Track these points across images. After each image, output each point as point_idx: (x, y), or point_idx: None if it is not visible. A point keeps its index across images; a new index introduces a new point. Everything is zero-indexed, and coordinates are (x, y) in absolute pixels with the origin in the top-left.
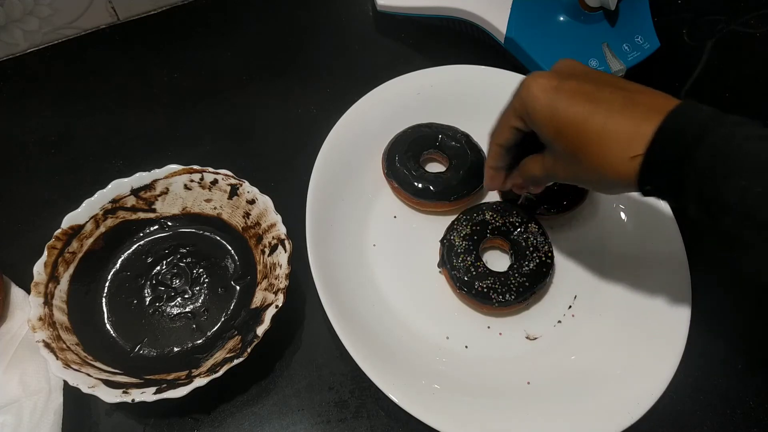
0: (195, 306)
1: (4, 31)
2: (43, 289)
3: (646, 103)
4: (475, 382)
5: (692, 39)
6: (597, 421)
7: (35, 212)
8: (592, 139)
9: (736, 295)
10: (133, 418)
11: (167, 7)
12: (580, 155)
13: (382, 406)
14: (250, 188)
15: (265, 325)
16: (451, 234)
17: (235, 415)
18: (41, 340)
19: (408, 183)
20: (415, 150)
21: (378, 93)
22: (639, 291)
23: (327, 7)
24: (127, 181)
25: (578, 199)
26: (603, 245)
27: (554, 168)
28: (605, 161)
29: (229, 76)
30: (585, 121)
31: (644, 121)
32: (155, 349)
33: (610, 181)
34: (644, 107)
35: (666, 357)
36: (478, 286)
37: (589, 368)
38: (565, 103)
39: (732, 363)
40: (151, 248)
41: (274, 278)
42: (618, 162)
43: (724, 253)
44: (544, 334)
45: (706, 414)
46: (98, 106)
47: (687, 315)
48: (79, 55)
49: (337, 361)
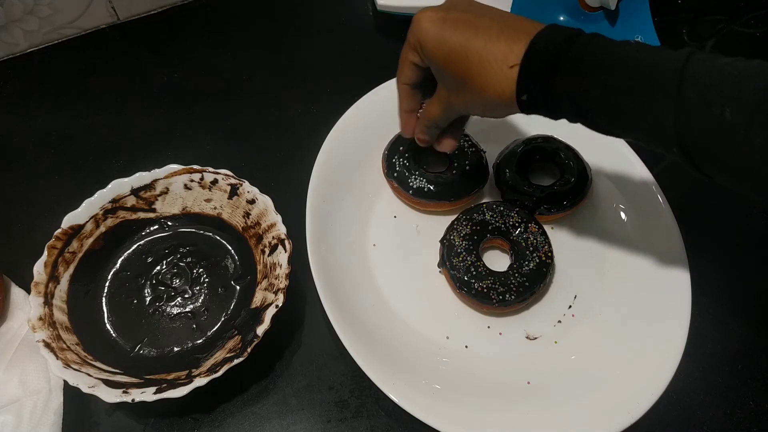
0: (195, 306)
1: (4, 30)
2: (43, 289)
3: (519, 27)
4: (475, 382)
5: (692, 39)
6: (597, 421)
7: (35, 212)
8: (475, 61)
9: (736, 296)
10: (133, 418)
11: (167, 7)
12: (466, 79)
13: (382, 406)
14: (250, 188)
15: (265, 325)
16: (451, 234)
17: (235, 415)
18: (41, 340)
19: (408, 183)
20: (415, 150)
21: (378, 93)
22: (639, 291)
23: (327, 7)
24: (127, 181)
25: (578, 199)
26: (603, 245)
27: (448, 99)
28: (487, 80)
29: (229, 76)
30: (468, 45)
31: (518, 41)
32: (155, 348)
33: (493, 99)
34: (518, 30)
35: (666, 357)
36: (477, 286)
37: (589, 368)
38: (450, 31)
39: (732, 363)
40: (151, 248)
41: (274, 278)
42: (498, 78)
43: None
44: (544, 334)
45: (706, 414)
46: (98, 106)
47: (687, 315)
48: (79, 55)
49: (337, 361)
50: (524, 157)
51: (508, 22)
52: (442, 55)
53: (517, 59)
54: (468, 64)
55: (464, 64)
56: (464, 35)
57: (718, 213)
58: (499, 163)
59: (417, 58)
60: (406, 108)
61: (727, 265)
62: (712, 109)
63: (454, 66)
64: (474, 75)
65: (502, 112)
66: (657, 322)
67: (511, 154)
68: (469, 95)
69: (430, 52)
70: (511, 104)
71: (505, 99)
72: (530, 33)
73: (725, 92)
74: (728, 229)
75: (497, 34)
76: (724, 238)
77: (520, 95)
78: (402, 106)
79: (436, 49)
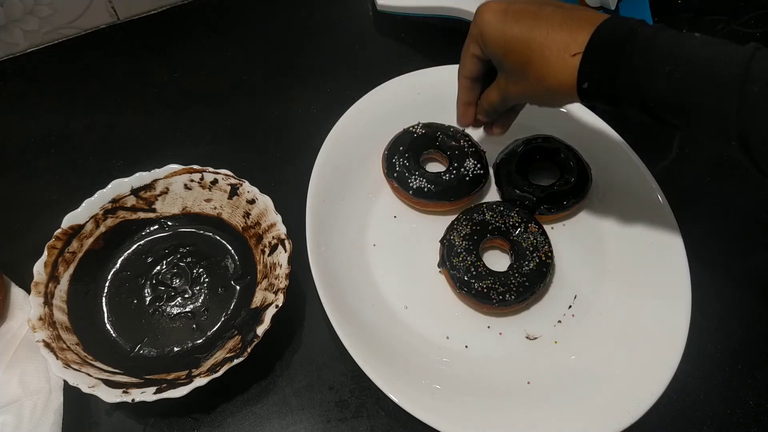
0: (195, 306)
1: (4, 30)
2: (43, 289)
3: (582, 17)
4: (475, 382)
5: None
6: (597, 421)
7: (35, 212)
8: (536, 51)
9: (736, 296)
10: (133, 418)
11: (167, 7)
12: (526, 68)
13: (382, 406)
14: (250, 188)
15: (265, 325)
16: (451, 234)
17: (235, 415)
18: (41, 340)
19: (408, 183)
20: (415, 150)
21: (378, 93)
22: (639, 291)
23: (327, 7)
24: (127, 181)
25: (578, 199)
26: (603, 245)
27: (507, 87)
28: (548, 69)
29: (229, 76)
30: (529, 35)
31: (581, 30)
32: (155, 348)
33: (553, 87)
34: (581, 20)
35: (666, 357)
36: (478, 286)
37: (589, 368)
38: (512, 22)
39: (732, 363)
40: (151, 248)
41: (274, 278)
42: (559, 66)
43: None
44: (544, 334)
45: (706, 414)
46: (98, 106)
47: (687, 315)
48: (79, 55)
49: (337, 361)
50: (524, 157)
51: (571, 13)
52: (503, 46)
53: (580, 48)
54: (529, 53)
55: (526, 54)
56: (527, 25)
57: (719, 213)
58: (499, 163)
59: (479, 51)
60: (465, 100)
61: (727, 265)
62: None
63: (515, 56)
64: (535, 64)
65: (561, 100)
66: (657, 322)
67: (511, 154)
68: (528, 84)
69: (492, 43)
70: (572, 92)
71: (566, 87)
72: (594, 23)
73: None
74: (729, 229)
75: (560, 24)
76: (725, 239)
77: (581, 83)
78: (461, 98)
79: (499, 40)
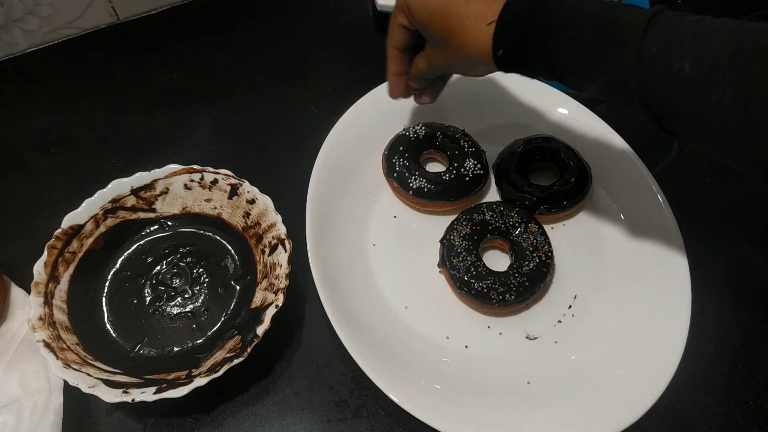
0: (195, 306)
1: (4, 30)
2: (43, 289)
3: None
4: (475, 382)
5: None
6: (597, 421)
7: (35, 212)
8: (455, 20)
9: (736, 295)
10: (133, 418)
11: (167, 7)
12: (448, 37)
13: (382, 405)
14: (250, 188)
15: (265, 325)
16: (451, 234)
17: (235, 415)
18: (41, 340)
19: (408, 183)
20: (415, 150)
21: (378, 93)
22: (639, 291)
23: (327, 7)
24: (127, 181)
25: (578, 199)
26: (603, 245)
27: (432, 56)
28: (466, 37)
29: (229, 76)
30: (449, 5)
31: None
32: (155, 348)
33: (472, 55)
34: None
35: (666, 357)
36: (478, 286)
37: (589, 368)
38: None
39: (732, 363)
40: (151, 248)
41: (274, 278)
42: (476, 34)
43: None
44: (544, 333)
45: (706, 414)
46: (98, 106)
47: (687, 315)
48: (79, 55)
49: (337, 361)
50: (524, 157)
51: None
52: (426, 15)
53: (495, 16)
54: (450, 21)
55: (446, 22)
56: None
57: (719, 213)
58: (499, 163)
59: (405, 21)
60: (395, 71)
61: (727, 265)
62: (672, 64)
63: (437, 25)
64: (455, 32)
65: (481, 69)
66: (657, 322)
67: (511, 154)
68: (450, 52)
69: (416, 12)
70: (488, 60)
71: (483, 55)
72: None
73: (685, 47)
74: (729, 229)
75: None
76: (725, 238)
77: (495, 51)
78: (390, 68)
79: (422, 9)
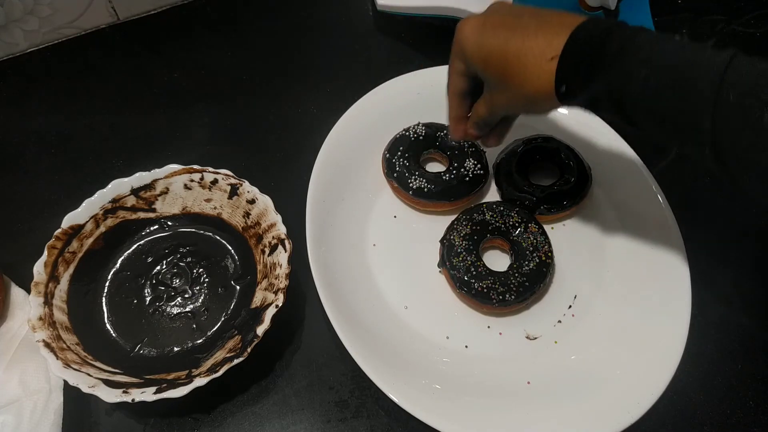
0: (195, 306)
1: (4, 30)
2: (43, 289)
3: (557, 22)
4: (475, 382)
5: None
6: (597, 421)
7: (35, 212)
8: (513, 60)
9: (736, 295)
10: (133, 418)
11: (167, 7)
12: (506, 79)
13: (382, 405)
14: (250, 188)
15: (265, 325)
16: (451, 234)
17: (235, 415)
18: (41, 340)
19: (408, 183)
20: (415, 150)
21: (378, 93)
22: (639, 291)
23: (327, 7)
24: (127, 181)
25: (578, 199)
26: (603, 245)
27: (492, 100)
28: (526, 76)
29: (229, 76)
30: (506, 45)
31: (557, 35)
32: (155, 348)
33: (532, 93)
34: (556, 25)
35: (666, 357)
36: (477, 286)
37: (588, 368)
38: (489, 35)
39: (732, 363)
40: (151, 248)
41: (274, 278)
42: (536, 72)
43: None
44: (544, 333)
45: (706, 414)
46: (98, 106)
47: (687, 314)
48: (79, 55)
49: (337, 361)
50: (524, 157)
51: (546, 18)
52: (483, 59)
53: (556, 51)
54: (507, 63)
55: (504, 64)
56: (503, 36)
57: (719, 213)
58: (499, 163)
59: (462, 66)
60: (455, 116)
61: (727, 265)
62: (749, 113)
63: (494, 68)
64: (513, 73)
65: (543, 106)
66: (657, 322)
67: (511, 154)
68: (510, 93)
69: (472, 57)
70: (550, 97)
71: (544, 92)
72: (570, 26)
73: (764, 97)
74: (728, 229)
75: (535, 31)
76: (725, 239)
77: (559, 87)
78: (450, 113)
79: (478, 54)
